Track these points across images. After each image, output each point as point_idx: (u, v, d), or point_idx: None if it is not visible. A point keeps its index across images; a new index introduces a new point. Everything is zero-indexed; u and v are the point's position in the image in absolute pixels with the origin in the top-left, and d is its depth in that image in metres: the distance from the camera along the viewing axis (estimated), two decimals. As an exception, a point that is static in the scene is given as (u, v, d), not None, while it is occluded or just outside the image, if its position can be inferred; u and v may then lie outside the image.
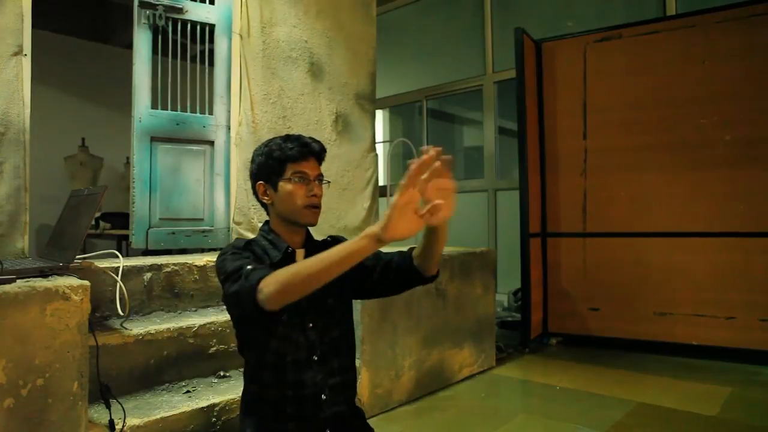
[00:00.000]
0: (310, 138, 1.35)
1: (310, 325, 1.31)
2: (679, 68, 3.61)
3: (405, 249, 1.37)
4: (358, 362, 2.45)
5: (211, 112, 3.10)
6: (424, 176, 0.94)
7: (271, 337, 1.27)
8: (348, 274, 1.40)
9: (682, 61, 3.61)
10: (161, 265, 2.29)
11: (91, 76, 5.70)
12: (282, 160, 1.30)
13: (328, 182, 1.39)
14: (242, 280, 1.13)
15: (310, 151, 1.32)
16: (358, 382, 2.40)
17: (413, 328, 2.79)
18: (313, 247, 1.39)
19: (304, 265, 1.04)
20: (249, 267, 1.15)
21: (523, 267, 3.84)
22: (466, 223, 5.34)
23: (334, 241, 1.47)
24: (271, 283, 1.07)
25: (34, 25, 2.39)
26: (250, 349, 1.33)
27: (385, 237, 0.96)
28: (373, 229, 0.98)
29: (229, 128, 3.12)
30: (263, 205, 1.37)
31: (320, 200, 1.33)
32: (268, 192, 1.34)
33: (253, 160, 1.37)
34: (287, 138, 1.33)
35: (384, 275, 1.36)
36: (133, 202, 2.83)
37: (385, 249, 1.18)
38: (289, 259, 1.32)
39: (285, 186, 1.30)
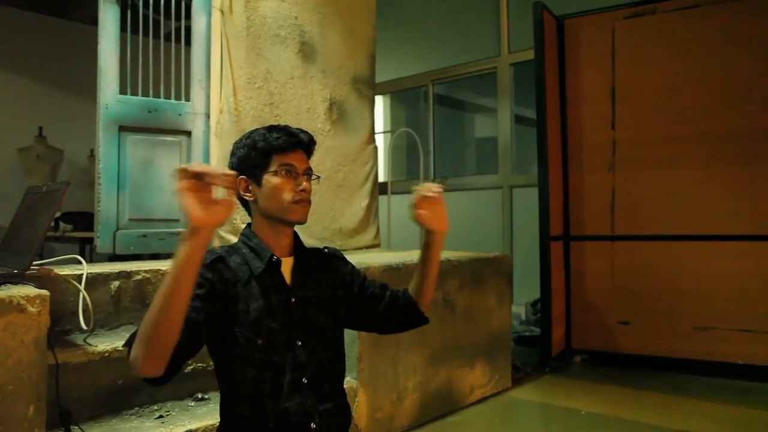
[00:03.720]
0: (298, 128, 1.37)
1: (299, 343, 1.30)
2: (722, 48, 3.60)
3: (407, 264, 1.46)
4: (355, 383, 2.45)
5: (188, 99, 3.09)
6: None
7: (247, 367, 1.25)
8: (346, 296, 1.42)
9: (726, 40, 3.60)
10: (131, 272, 2.28)
11: (49, 56, 5.68)
12: (267, 152, 1.31)
13: (318, 177, 1.40)
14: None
15: (298, 141, 1.34)
16: (354, 406, 2.40)
17: (417, 343, 2.78)
18: (305, 255, 1.39)
19: (150, 308, 1.02)
20: None
21: (543, 274, 3.84)
22: (478, 225, 5.33)
23: (330, 254, 1.47)
24: (135, 346, 1.03)
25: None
26: (223, 380, 1.31)
27: (193, 224, 0.96)
28: (183, 232, 0.99)
29: (208, 116, 3.11)
30: (244, 203, 1.37)
31: (309, 195, 1.33)
32: (250, 188, 1.34)
33: (233, 154, 1.37)
34: (272, 128, 1.34)
35: (389, 310, 1.46)
36: (99, 201, 2.83)
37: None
38: (273, 270, 1.31)
39: (270, 180, 1.30)
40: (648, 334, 3.80)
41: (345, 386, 1.42)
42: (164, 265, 2.44)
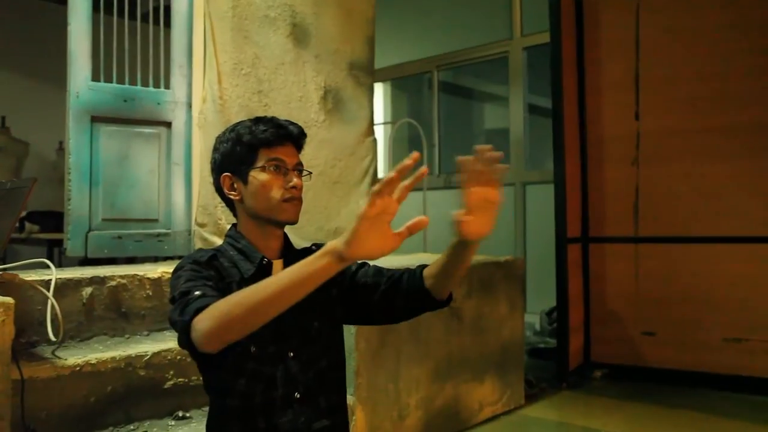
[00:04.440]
0: (287, 120, 1.37)
1: (291, 354, 1.30)
2: (759, 32, 3.59)
3: (413, 266, 1.37)
4: (351, 399, 2.44)
5: (168, 86, 3.09)
6: (406, 183, 0.97)
7: (239, 376, 1.27)
8: (339, 293, 1.40)
9: (763, 23, 3.57)
10: (104, 277, 2.28)
11: (13, 38, 5.68)
12: (253, 146, 1.32)
13: (309, 173, 1.40)
14: (180, 311, 1.15)
15: (287, 134, 1.34)
16: (351, 425, 2.39)
17: (421, 356, 2.78)
18: (293, 257, 1.38)
19: (248, 294, 1.05)
20: (197, 293, 1.16)
21: (559, 280, 3.84)
22: (488, 226, 5.32)
23: (318, 250, 1.46)
24: (206, 318, 1.08)
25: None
26: (212, 391, 1.33)
27: (349, 254, 0.98)
28: (335, 244, 1.00)
29: (190, 106, 3.11)
30: (229, 202, 1.39)
31: (301, 193, 1.34)
32: (235, 185, 1.35)
33: (216, 149, 1.38)
34: (258, 120, 1.35)
35: (388, 298, 1.37)
36: (69, 199, 2.82)
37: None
38: (264, 272, 1.32)
39: (257, 176, 1.31)
40: (675, 346, 3.80)
41: (342, 402, 1.41)
42: (142, 270, 2.44)
